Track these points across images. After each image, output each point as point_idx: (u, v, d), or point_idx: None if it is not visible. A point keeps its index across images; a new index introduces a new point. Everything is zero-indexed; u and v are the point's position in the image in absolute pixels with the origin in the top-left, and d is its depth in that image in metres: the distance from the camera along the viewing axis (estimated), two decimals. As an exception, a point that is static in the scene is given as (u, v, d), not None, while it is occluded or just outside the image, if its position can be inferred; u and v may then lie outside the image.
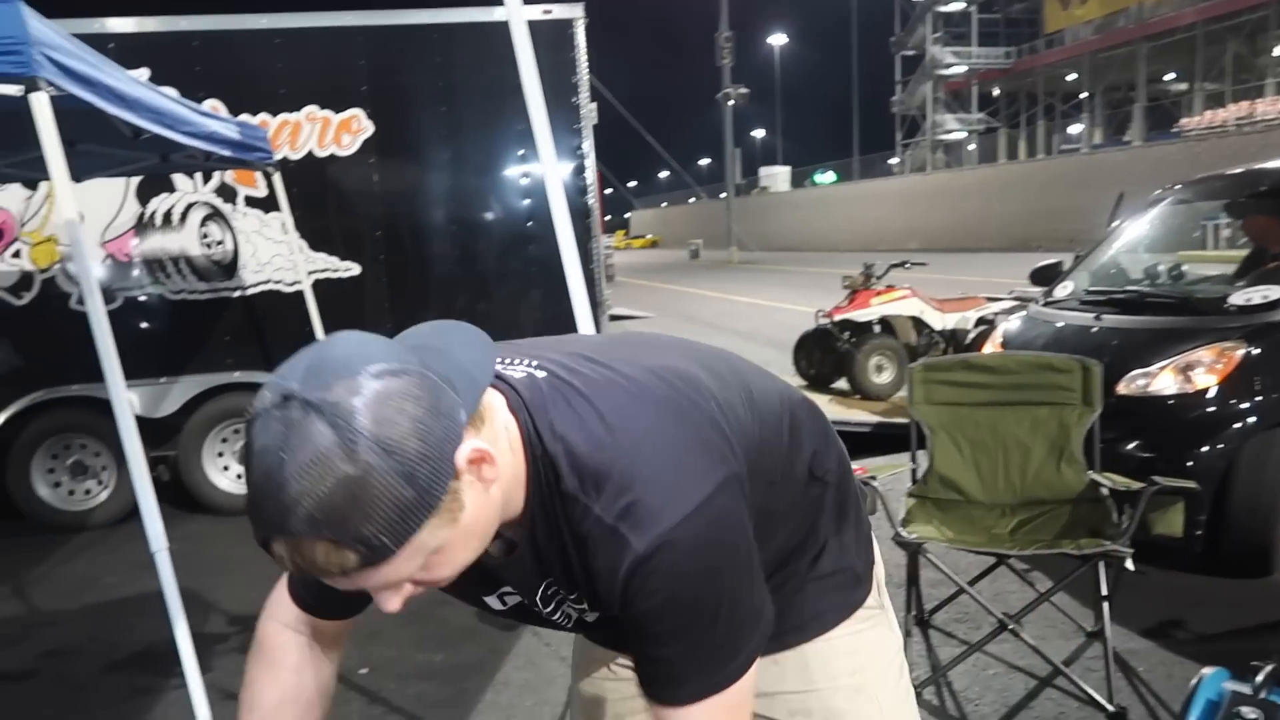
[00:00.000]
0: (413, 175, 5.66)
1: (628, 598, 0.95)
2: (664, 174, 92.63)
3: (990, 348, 4.52)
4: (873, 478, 2.93)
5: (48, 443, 5.38)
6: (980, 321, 7.47)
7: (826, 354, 7.77)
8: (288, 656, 1.18)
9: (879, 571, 1.33)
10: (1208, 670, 2.21)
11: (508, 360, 1.05)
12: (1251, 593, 3.24)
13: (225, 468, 5.54)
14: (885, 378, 7.43)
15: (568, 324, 5.44)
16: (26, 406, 5.21)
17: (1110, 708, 2.79)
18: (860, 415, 6.60)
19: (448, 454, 0.85)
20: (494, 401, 0.96)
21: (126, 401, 2.58)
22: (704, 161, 69.30)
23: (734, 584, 0.99)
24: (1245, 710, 1.96)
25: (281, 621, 1.19)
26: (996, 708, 2.96)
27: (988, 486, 3.29)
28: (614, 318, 7.40)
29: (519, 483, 0.97)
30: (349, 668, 3.30)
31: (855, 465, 3.16)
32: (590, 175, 5.65)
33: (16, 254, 5.24)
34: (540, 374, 1.02)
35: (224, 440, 5.52)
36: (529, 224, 5.66)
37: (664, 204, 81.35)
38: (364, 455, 0.80)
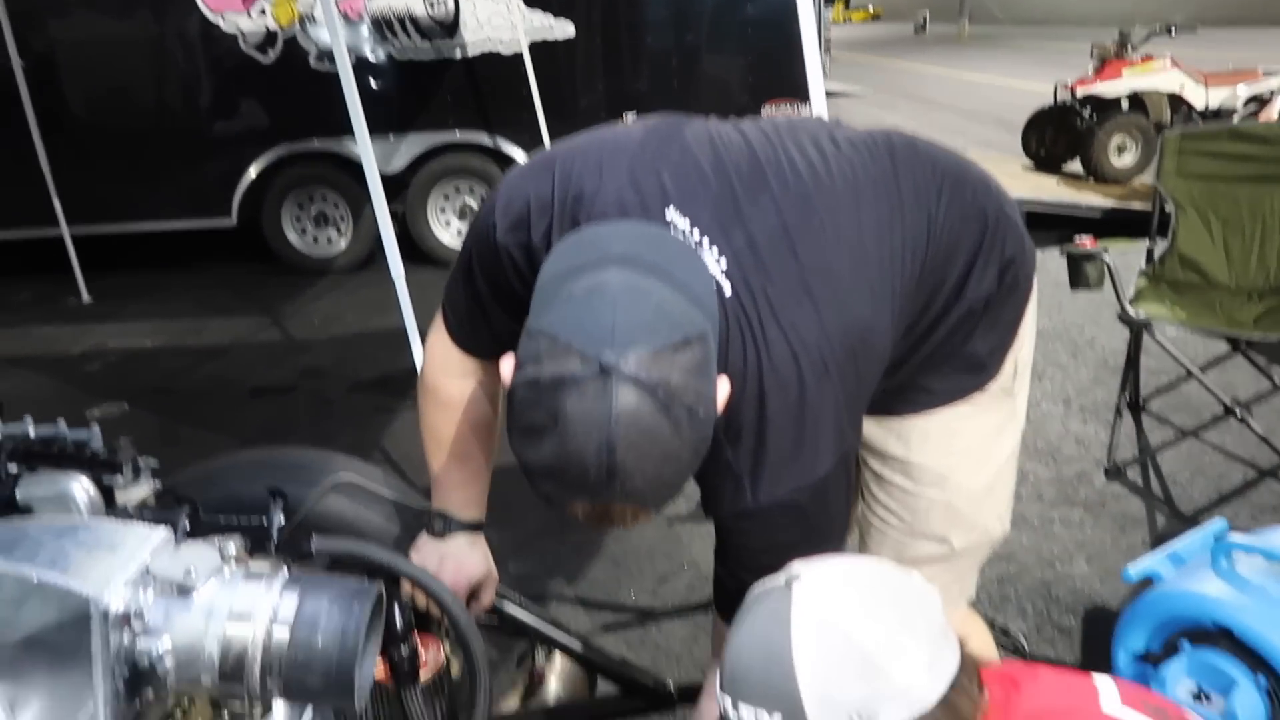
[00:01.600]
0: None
1: (725, 524, 1.12)
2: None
3: (1266, 118, 3.97)
4: (1105, 250, 2.73)
5: (293, 193, 5.88)
6: (1252, 100, 6.54)
7: (1061, 132, 7.08)
8: (458, 397, 1.30)
9: (1022, 355, 1.27)
10: None
11: (699, 241, 1.05)
12: None
13: (447, 223, 5.89)
14: (1127, 160, 6.72)
15: (783, 91, 5.27)
16: (274, 160, 5.67)
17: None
18: (1092, 199, 6.07)
19: (716, 409, 0.92)
20: None
21: (372, 153, 2.76)
22: (939, -79, 61.96)
23: (819, 526, 1.10)
24: None
25: (446, 371, 1.30)
26: (1208, 493, 2.84)
27: (1236, 269, 3.00)
28: (828, 94, 7.04)
29: None
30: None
31: (1084, 237, 2.96)
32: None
33: (262, 11, 5.52)
34: (727, 289, 1.03)
35: (446, 197, 5.84)
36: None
37: (890, -28, 74.44)
38: (685, 432, 0.86)
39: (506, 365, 0.91)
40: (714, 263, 1.03)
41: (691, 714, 1.37)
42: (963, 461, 1.25)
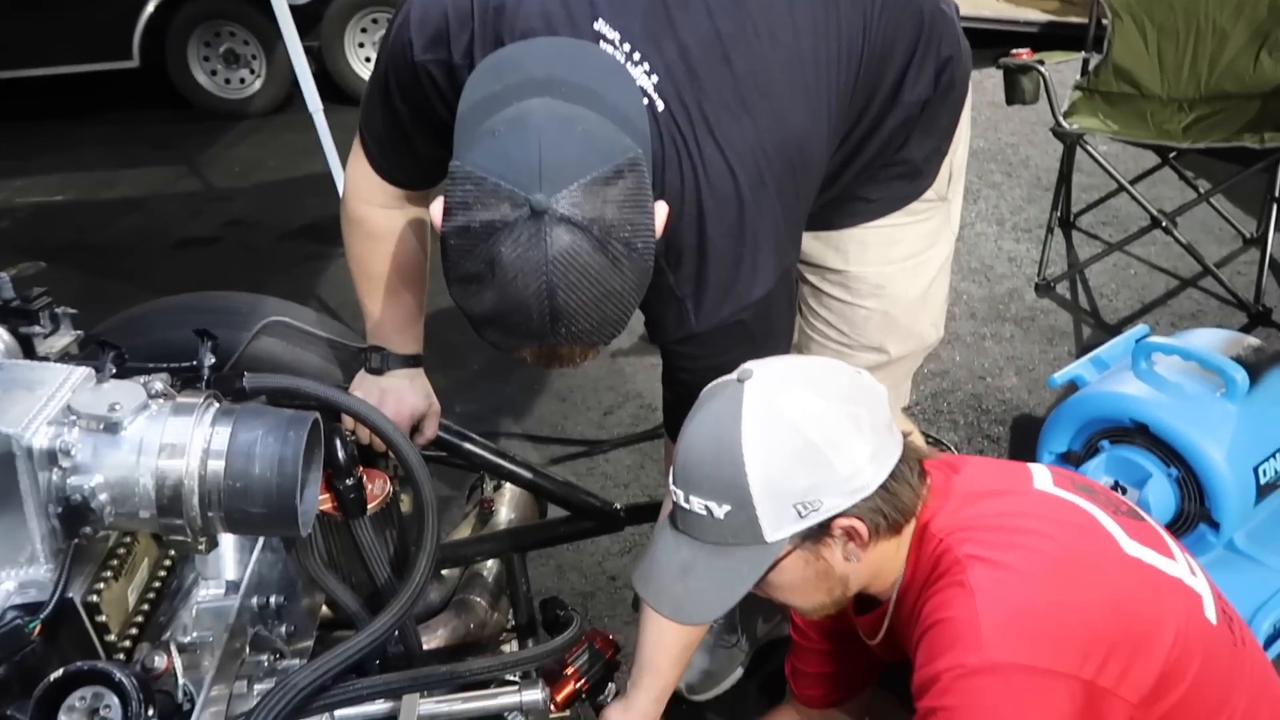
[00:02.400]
0: None
1: (671, 349, 1.14)
2: None
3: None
4: (1040, 61, 2.70)
5: (198, 30, 5.49)
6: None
7: (1001, -55, 6.88)
8: (386, 228, 1.26)
9: (956, 163, 1.26)
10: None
11: (629, 54, 1.00)
12: None
13: (367, 58, 5.58)
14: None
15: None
16: (173, -9, 5.26)
17: (1256, 307, 2.73)
18: (1029, 13, 5.95)
19: (655, 238, 0.88)
20: None
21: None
22: None
23: (763, 344, 1.09)
24: None
25: (371, 200, 1.25)
26: (1133, 304, 2.94)
27: (1169, 78, 2.99)
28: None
29: None
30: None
31: (1022, 49, 2.92)
32: None
33: None
34: (660, 105, 0.99)
35: (364, 30, 5.50)
36: None
37: None
38: (625, 266, 0.84)
39: (436, 209, 0.88)
40: (644, 77, 0.99)
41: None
42: (900, 271, 1.26)
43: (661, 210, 0.92)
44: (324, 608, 1.26)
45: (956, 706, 0.88)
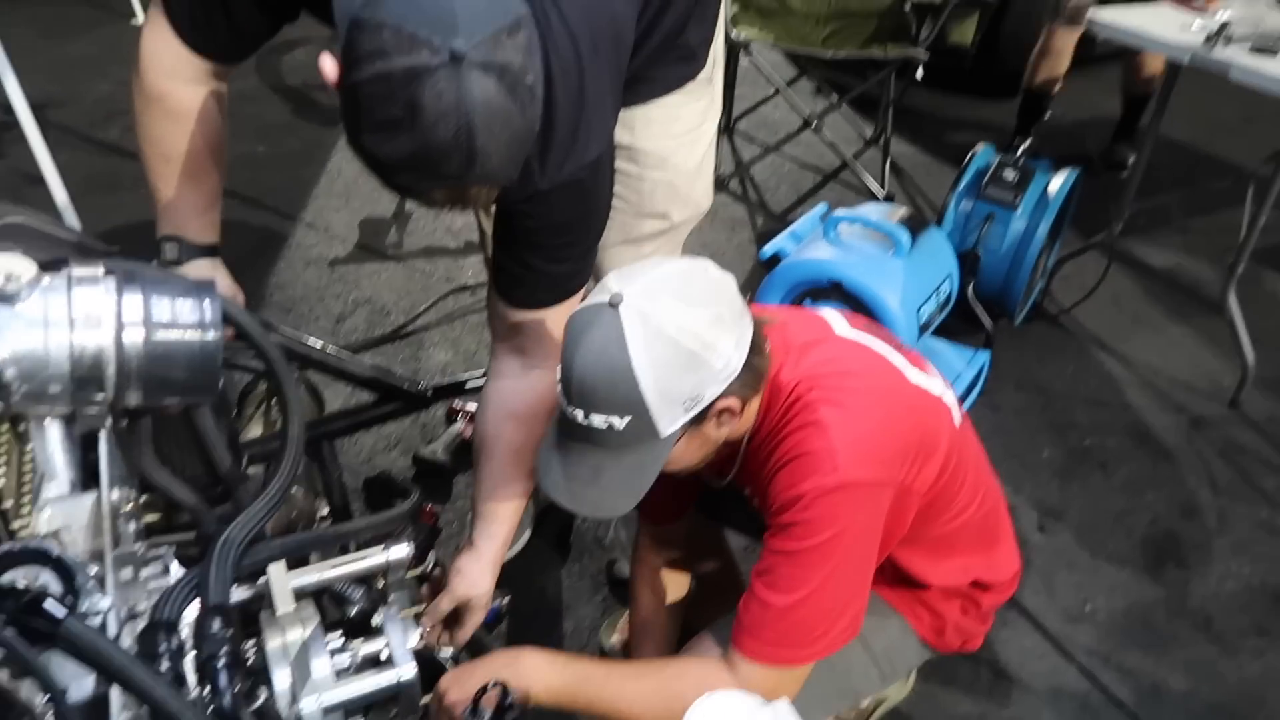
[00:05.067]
0: None
1: (511, 209, 1.19)
2: None
3: None
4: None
5: None
6: None
7: None
8: (190, 106, 1.21)
9: (717, 50, 1.45)
10: (981, 145, 2.65)
11: None
12: (1005, 111, 3.74)
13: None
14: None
15: None
16: None
17: (882, 194, 3.30)
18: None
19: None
20: None
21: None
22: None
23: (594, 203, 1.22)
24: (1006, 171, 2.41)
25: (174, 75, 1.19)
26: (791, 196, 3.41)
27: (807, -6, 3.44)
28: None
29: None
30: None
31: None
32: None
33: None
34: None
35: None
36: None
37: None
38: (529, 110, 0.90)
39: (328, 63, 0.88)
40: None
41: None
42: (680, 144, 1.43)
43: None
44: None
45: (817, 517, 1.10)
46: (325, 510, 1.53)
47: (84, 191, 2.82)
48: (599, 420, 1.07)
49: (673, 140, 1.43)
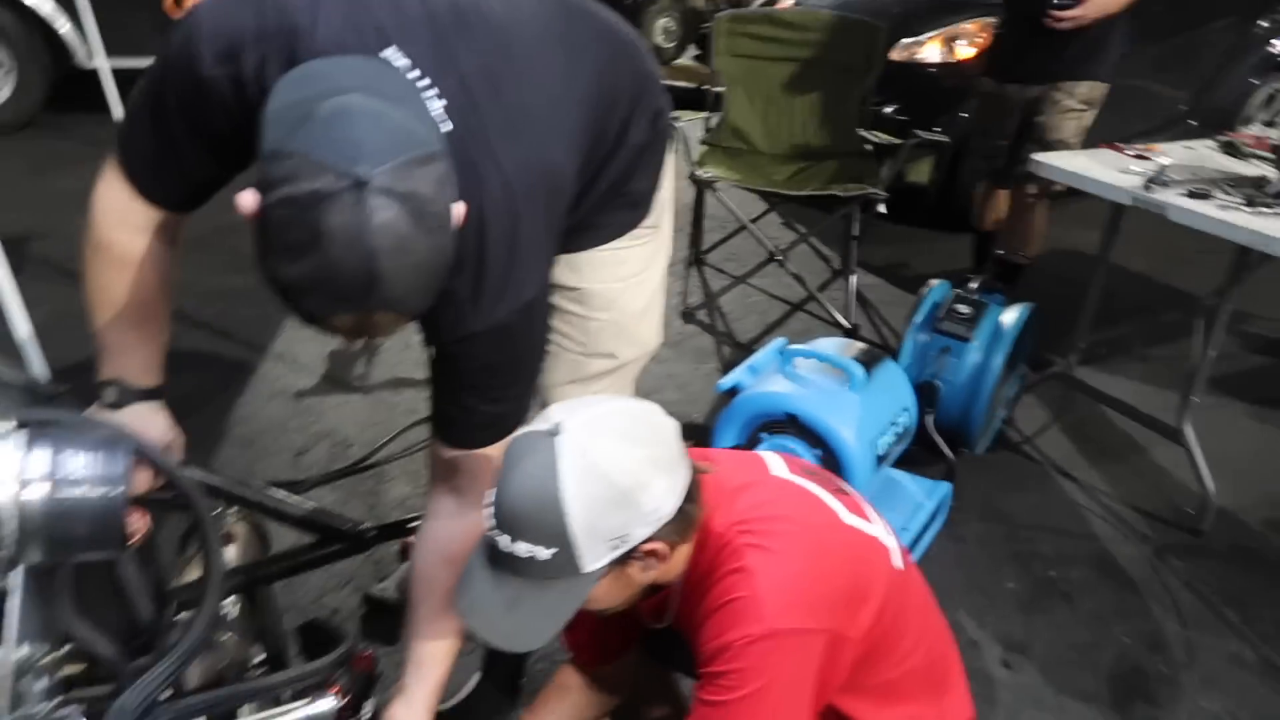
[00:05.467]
0: None
1: (444, 351, 1.21)
2: None
3: (782, 4, 4.67)
4: (676, 118, 3.12)
5: None
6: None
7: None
8: (137, 254, 1.24)
9: (664, 196, 1.50)
10: (935, 281, 2.71)
11: (418, 79, 1.08)
12: (965, 244, 3.86)
13: None
14: (671, 43, 7.45)
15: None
16: None
17: (847, 324, 3.36)
18: (674, 82, 6.67)
19: (455, 224, 0.98)
20: None
21: None
22: None
23: (527, 345, 1.26)
24: (960, 305, 2.46)
25: (124, 225, 1.23)
26: (758, 326, 3.47)
27: (772, 137, 3.59)
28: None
29: None
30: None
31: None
32: None
33: None
34: (446, 125, 1.07)
35: None
36: None
37: None
38: (437, 239, 0.92)
39: (245, 196, 0.91)
40: (434, 100, 1.09)
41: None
42: (627, 286, 1.47)
43: (459, 208, 1.01)
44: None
45: (745, 668, 1.08)
46: (260, 658, 1.49)
47: (54, 325, 2.84)
48: (523, 549, 1.06)
49: (620, 283, 1.47)
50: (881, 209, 3.26)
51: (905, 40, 3.95)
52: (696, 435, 2.49)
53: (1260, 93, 5.25)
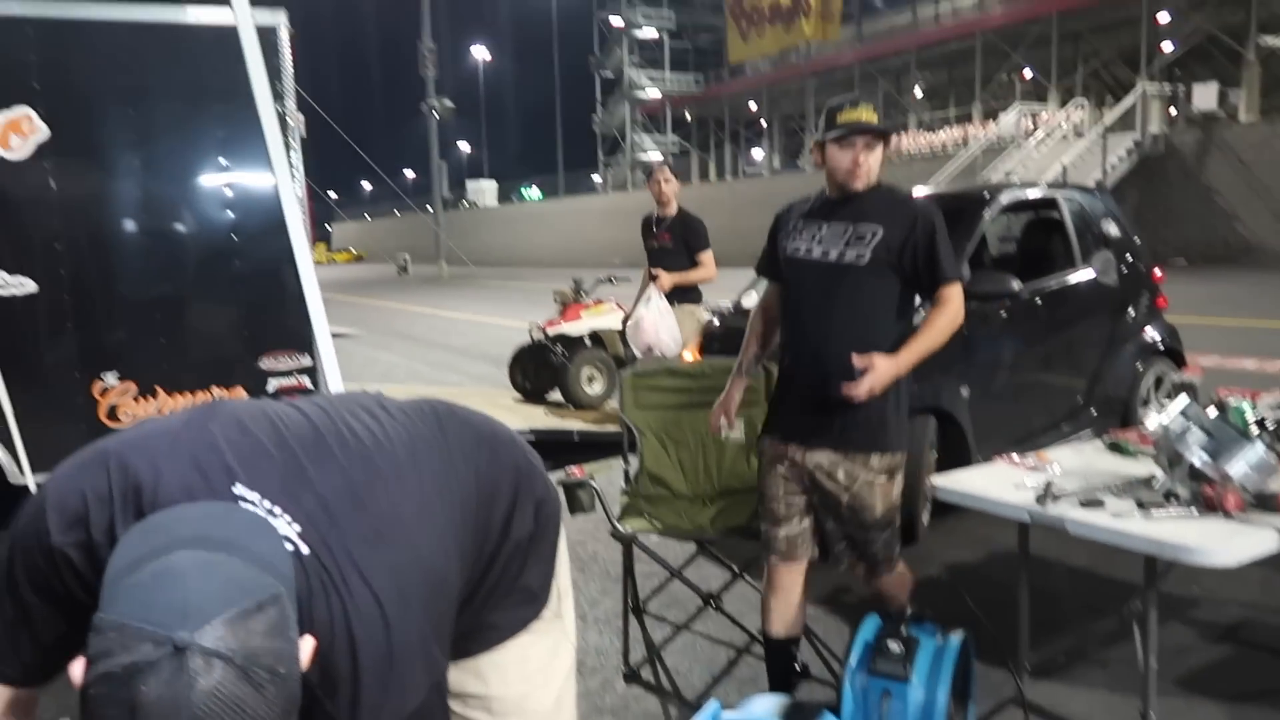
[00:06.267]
0: (96, 182, 5.22)
1: None
2: (366, 185, 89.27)
3: (690, 355, 4.97)
4: (591, 477, 3.18)
5: None
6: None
7: (541, 367, 8.03)
8: None
9: (562, 582, 1.50)
10: (865, 619, 2.66)
11: (270, 510, 1.11)
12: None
13: None
14: (596, 388, 7.82)
15: (282, 342, 5.31)
16: None
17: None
18: (574, 424, 6.91)
19: (300, 666, 0.96)
20: None
21: None
22: (409, 174, 67.89)
23: None
24: (891, 643, 2.40)
25: None
26: (704, 677, 3.32)
27: (690, 480, 3.66)
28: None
29: None
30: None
31: (574, 466, 3.40)
32: (300, 188, 5.51)
33: None
34: (305, 549, 1.09)
35: None
36: (233, 237, 5.41)
37: (367, 217, 78.59)
38: (270, 693, 0.89)
39: (76, 669, 0.88)
40: (287, 527, 1.09)
41: None
42: (534, 685, 1.42)
43: (308, 643, 0.98)
44: None
45: None
46: None
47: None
48: None
49: (526, 683, 1.42)
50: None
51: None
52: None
53: (1148, 376, 5.61)
